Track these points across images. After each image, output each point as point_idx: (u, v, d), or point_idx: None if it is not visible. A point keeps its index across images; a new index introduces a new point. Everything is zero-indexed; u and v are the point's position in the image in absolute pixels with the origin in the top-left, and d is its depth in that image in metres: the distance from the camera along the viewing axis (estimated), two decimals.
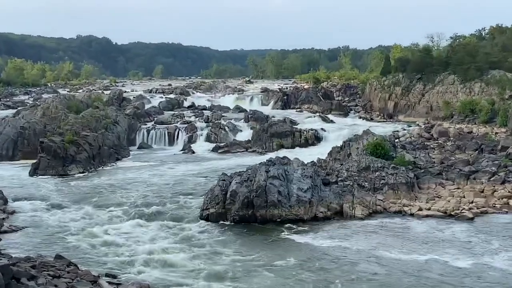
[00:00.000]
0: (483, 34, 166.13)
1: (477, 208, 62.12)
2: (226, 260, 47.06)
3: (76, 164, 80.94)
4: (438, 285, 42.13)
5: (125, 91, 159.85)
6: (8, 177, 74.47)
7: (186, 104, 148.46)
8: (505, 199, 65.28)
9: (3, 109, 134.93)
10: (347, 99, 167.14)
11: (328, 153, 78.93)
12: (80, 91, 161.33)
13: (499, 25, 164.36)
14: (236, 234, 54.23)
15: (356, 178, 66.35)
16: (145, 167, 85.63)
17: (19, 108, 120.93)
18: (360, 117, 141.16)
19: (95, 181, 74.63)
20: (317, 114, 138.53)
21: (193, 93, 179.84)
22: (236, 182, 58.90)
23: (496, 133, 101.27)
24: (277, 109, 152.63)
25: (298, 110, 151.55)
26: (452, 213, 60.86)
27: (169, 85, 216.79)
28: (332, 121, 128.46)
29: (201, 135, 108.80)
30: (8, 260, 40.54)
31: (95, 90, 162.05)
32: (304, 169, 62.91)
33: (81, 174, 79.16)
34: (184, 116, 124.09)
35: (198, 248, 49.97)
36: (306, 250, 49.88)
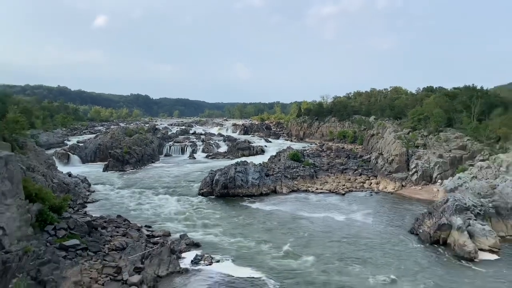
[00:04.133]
0: (350, 95, 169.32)
1: (347, 188, 64.30)
2: (213, 216, 48.30)
3: (129, 164, 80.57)
4: (332, 230, 44.23)
5: (157, 124, 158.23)
6: (91, 172, 73.70)
7: (191, 131, 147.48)
8: (361, 183, 67.74)
9: (88, 134, 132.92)
10: (278, 129, 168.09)
11: (268, 159, 79.74)
12: (132, 124, 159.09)
13: (359, 90, 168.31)
14: (218, 202, 55.20)
15: (283, 172, 67.61)
16: (168, 166, 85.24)
17: (97, 133, 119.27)
18: (285, 139, 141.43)
19: (140, 174, 74.28)
20: (262, 137, 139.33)
21: (194, 126, 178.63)
22: (218, 174, 59.77)
23: (357, 148, 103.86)
24: (241, 134, 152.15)
25: (252, 135, 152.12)
26: (334, 190, 62.78)
27: (182, 121, 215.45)
28: (270, 141, 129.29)
29: (199, 149, 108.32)
30: (90, 218, 41.09)
31: (140, 124, 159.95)
32: (255, 167, 63.78)
33: (132, 170, 78.58)
34: (190, 138, 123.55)
35: (197, 210, 50.92)
36: (257, 211, 51.52)
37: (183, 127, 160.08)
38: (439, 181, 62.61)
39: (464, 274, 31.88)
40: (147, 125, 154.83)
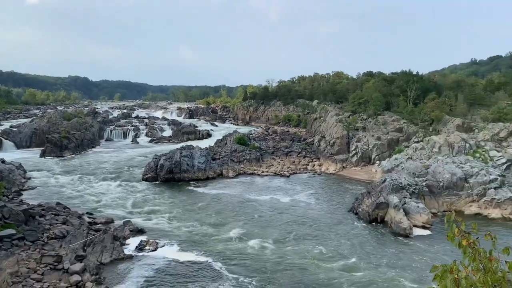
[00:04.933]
0: (294, 80, 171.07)
1: (291, 171, 65.47)
2: (158, 202, 47.64)
3: (68, 150, 76.98)
4: (278, 211, 45.12)
5: (97, 108, 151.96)
6: (27, 158, 69.61)
7: (133, 115, 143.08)
8: (305, 166, 69.11)
9: (23, 118, 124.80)
10: (225, 113, 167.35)
11: (215, 143, 79.71)
12: (70, 107, 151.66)
13: (303, 75, 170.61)
14: (164, 188, 54.37)
15: (229, 156, 67.67)
16: (109, 151, 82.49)
17: (33, 117, 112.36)
18: (232, 123, 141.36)
19: (80, 160, 71.32)
20: (208, 121, 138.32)
21: (137, 109, 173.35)
22: (163, 159, 58.71)
23: (301, 131, 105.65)
24: (186, 118, 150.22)
25: (198, 119, 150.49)
26: (279, 173, 63.70)
27: (123, 104, 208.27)
28: (216, 125, 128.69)
29: (143, 133, 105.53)
30: (26, 206, 39.03)
31: (79, 107, 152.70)
32: (201, 151, 63.33)
33: (71, 156, 75.36)
34: (132, 122, 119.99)
35: (142, 196, 49.85)
36: (203, 195, 51.31)
37: (125, 111, 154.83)
38: (377, 162, 65.49)
39: (400, 249, 33.79)
40: (87, 108, 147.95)
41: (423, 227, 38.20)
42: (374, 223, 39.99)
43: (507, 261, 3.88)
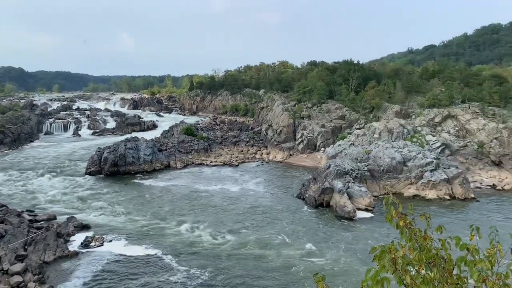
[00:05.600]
0: (240, 69, 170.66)
1: (240, 160, 65.72)
2: (104, 196, 46.15)
3: (4, 145, 72.36)
4: (228, 200, 45.03)
5: (34, 100, 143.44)
6: None
7: (74, 107, 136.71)
8: (253, 154, 69.74)
9: None
10: (171, 103, 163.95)
11: (161, 134, 78.17)
12: (5, 100, 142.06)
13: (249, 64, 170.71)
14: (108, 181, 52.65)
15: (177, 147, 66.70)
16: (49, 145, 78.40)
17: None
18: (178, 114, 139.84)
19: (16, 155, 67.28)
20: (154, 112, 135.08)
21: (78, 101, 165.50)
22: (107, 152, 56.79)
23: (249, 121, 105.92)
24: (131, 109, 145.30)
25: (142, 110, 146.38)
26: (227, 162, 63.70)
27: (63, 96, 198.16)
28: (162, 116, 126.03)
29: (84, 125, 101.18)
30: None
31: (14, 100, 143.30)
32: (147, 143, 61.92)
33: (7, 151, 71.06)
34: (73, 114, 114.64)
35: (85, 191, 48.04)
36: (151, 187, 50.25)
37: (65, 103, 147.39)
38: (322, 149, 67.32)
39: (345, 232, 35.10)
40: (23, 101, 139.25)
41: (366, 210, 39.87)
42: (320, 208, 41.19)
43: (440, 238, 4.15)
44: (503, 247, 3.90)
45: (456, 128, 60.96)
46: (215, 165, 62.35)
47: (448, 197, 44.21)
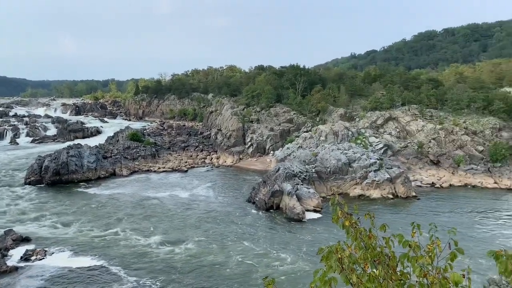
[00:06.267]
0: (188, 73, 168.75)
1: (189, 165, 64.92)
2: (45, 206, 44.01)
3: None
4: (177, 207, 44.29)
5: None
6: None
7: (11, 113, 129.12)
8: (202, 159, 69.15)
9: None
10: (115, 108, 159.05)
11: (106, 140, 75.51)
12: None
13: (196, 68, 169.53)
14: (50, 191, 50.16)
15: (122, 153, 64.71)
16: None
17: None
18: (123, 119, 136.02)
19: None
20: (98, 118, 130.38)
21: (15, 107, 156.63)
22: (48, 160, 54.08)
23: (197, 125, 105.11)
24: (73, 115, 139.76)
25: (85, 115, 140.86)
26: (176, 168, 62.77)
27: None
28: (107, 121, 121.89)
29: (23, 132, 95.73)
30: None
31: None
32: (91, 150, 59.58)
33: None
34: (10, 121, 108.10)
35: (25, 201, 45.53)
36: (95, 196, 48.43)
37: (1, 109, 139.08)
38: (272, 152, 68.03)
39: (294, 233, 35.59)
40: None
41: (315, 211, 40.68)
42: (271, 211, 41.51)
43: (384, 237, 4.27)
44: (442, 243, 4.07)
45: (397, 130, 63.88)
46: (163, 171, 61.12)
47: (391, 196, 46.12)
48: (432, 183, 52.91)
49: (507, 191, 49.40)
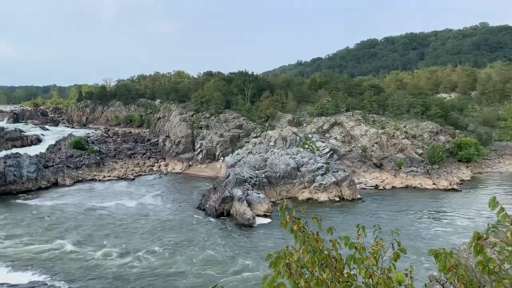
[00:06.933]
0: (134, 79, 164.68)
1: (136, 173, 63.43)
2: None
3: None
4: (123, 217, 42.95)
5: None
6: None
7: None
8: (150, 167, 67.82)
9: None
10: (57, 115, 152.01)
11: (47, 149, 71.93)
12: None
13: (143, 74, 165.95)
14: None
15: (65, 162, 61.87)
16: None
17: None
18: (66, 126, 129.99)
19: None
20: (38, 125, 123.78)
21: None
22: None
23: (144, 132, 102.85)
24: (11, 123, 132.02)
25: (25, 123, 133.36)
26: (122, 177, 61.13)
27: None
28: (48, 129, 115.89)
29: None
30: None
31: None
32: (31, 159, 56.47)
33: None
34: None
35: None
36: (36, 207, 45.90)
37: None
38: (222, 158, 67.76)
39: (245, 238, 35.57)
40: None
41: (265, 216, 40.92)
42: (221, 217, 41.23)
43: (331, 239, 4.33)
44: (386, 243, 4.19)
45: (342, 135, 65.91)
46: (108, 180, 59.06)
47: (338, 199, 47.37)
48: (376, 185, 54.96)
49: (445, 191, 52.31)
